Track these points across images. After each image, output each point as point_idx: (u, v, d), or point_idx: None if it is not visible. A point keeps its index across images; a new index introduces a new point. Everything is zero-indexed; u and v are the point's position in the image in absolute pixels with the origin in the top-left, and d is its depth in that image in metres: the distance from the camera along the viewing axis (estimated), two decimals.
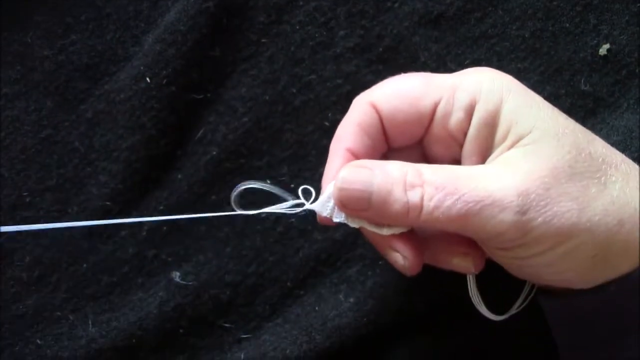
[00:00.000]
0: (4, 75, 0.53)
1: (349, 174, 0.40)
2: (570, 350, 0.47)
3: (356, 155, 0.43)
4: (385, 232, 0.42)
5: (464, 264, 0.43)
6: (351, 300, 0.50)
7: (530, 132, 0.40)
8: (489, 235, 0.39)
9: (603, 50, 0.55)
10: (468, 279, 0.46)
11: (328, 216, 0.42)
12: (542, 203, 0.38)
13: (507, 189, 0.38)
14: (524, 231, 0.38)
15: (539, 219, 0.38)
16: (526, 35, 0.55)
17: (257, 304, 0.52)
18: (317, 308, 0.51)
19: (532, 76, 0.54)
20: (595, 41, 0.55)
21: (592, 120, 0.54)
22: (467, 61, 0.54)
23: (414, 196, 0.39)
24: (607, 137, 0.53)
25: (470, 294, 0.46)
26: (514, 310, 0.48)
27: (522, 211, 0.37)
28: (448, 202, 0.38)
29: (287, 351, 0.49)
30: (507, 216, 0.38)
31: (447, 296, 0.46)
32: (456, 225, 0.39)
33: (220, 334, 0.51)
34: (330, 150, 0.44)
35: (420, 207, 0.39)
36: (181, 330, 0.51)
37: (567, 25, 0.55)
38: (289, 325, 0.50)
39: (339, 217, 0.42)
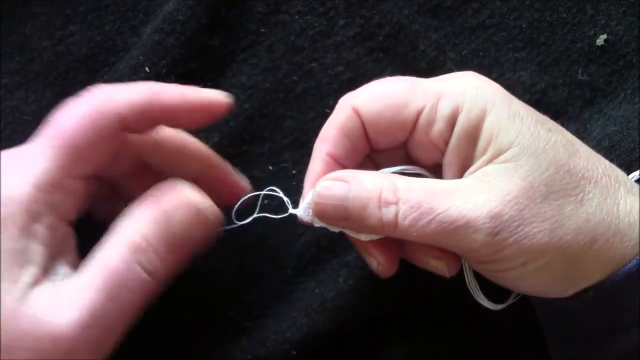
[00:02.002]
0: (3, 66, 0.53)
1: (325, 189, 0.41)
2: (558, 343, 0.47)
3: (337, 160, 0.44)
4: (364, 237, 0.43)
5: (439, 267, 0.44)
6: (350, 282, 0.50)
7: (509, 148, 0.40)
8: (463, 251, 0.40)
9: (600, 40, 0.55)
10: (464, 268, 0.46)
11: (309, 221, 0.44)
12: (514, 224, 0.38)
13: (480, 209, 0.39)
14: (496, 250, 0.39)
15: (511, 239, 0.38)
16: (523, 26, 0.55)
17: (259, 292, 0.52)
18: (316, 291, 0.51)
19: (530, 66, 0.55)
20: (592, 31, 0.55)
21: (590, 110, 0.55)
22: (465, 51, 0.54)
23: (388, 214, 0.40)
24: (604, 128, 0.53)
25: (467, 283, 0.46)
26: (511, 300, 0.48)
27: (494, 233, 0.38)
28: (422, 222, 0.39)
29: (288, 334, 0.49)
30: (479, 237, 0.38)
31: (448, 284, 0.46)
32: (431, 241, 0.40)
33: (224, 323, 0.51)
34: (313, 151, 0.45)
35: (395, 224, 0.40)
36: (185, 318, 0.51)
37: (565, 15, 0.55)
38: (288, 308, 0.50)
39: (319, 222, 0.43)
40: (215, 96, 0.44)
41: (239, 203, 0.46)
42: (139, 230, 0.39)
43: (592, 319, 0.42)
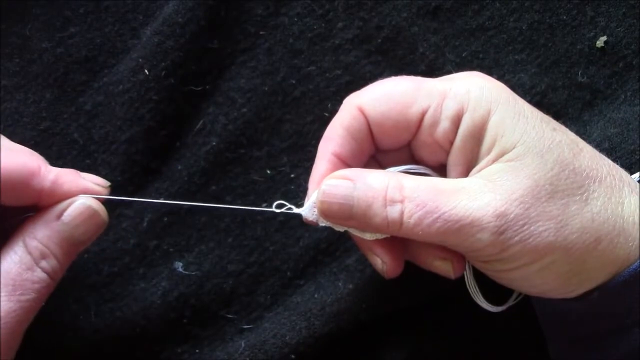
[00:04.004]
0: (3, 67, 0.53)
1: (330, 188, 0.41)
2: (558, 344, 0.47)
3: (343, 159, 0.44)
4: (369, 236, 0.43)
5: (444, 268, 0.44)
6: (350, 287, 0.50)
7: (514, 147, 0.40)
8: (467, 250, 0.40)
9: (600, 42, 0.55)
10: (465, 270, 0.46)
11: (314, 221, 0.43)
12: (520, 223, 0.38)
13: (486, 208, 0.39)
14: (501, 249, 0.39)
15: (516, 238, 0.38)
16: (523, 28, 0.55)
17: (258, 294, 0.52)
18: (316, 295, 0.51)
19: (530, 68, 0.55)
20: (592, 33, 0.55)
21: (590, 112, 0.55)
22: (465, 53, 0.54)
23: (393, 212, 0.40)
24: (604, 129, 0.53)
25: (467, 286, 0.46)
26: (511, 302, 0.48)
27: (500, 232, 0.38)
28: (428, 221, 0.39)
29: (287, 337, 0.49)
30: (485, 236, 0.38)
31: (447, 287, 0.46)
32: (436, 240, 0.40)
33: (223, 325, 0.51)
34: (318, 151, 0.45)
35: (400, 222, 0.40)
36: (185, 320, 0.51)
37: (564, 17, 0.55)
38: (288, 313, 0.51)
39: (324, 222, 0.43)
40: (93, 188, 0.44)
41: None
42: (38, 237, 0.41)
43: (594, 320, 0.42)
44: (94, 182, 0.44)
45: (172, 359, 0.51)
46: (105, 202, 0.43)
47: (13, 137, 0.51)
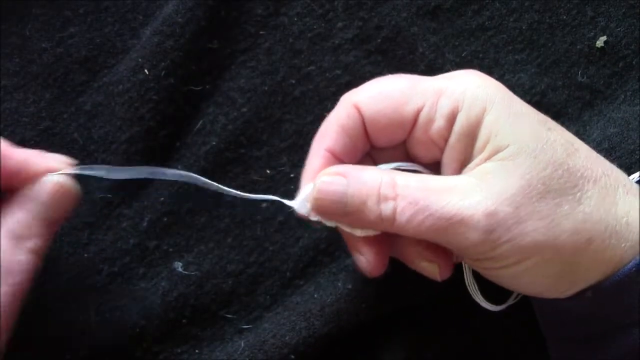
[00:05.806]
0: (2, 67, 0.53)
1: (324, 185, 0.42)
2: (558, 344, 0.47)
3: (336, 156, 0.44)
4: (359, 233, 0.43)
5: (431, 270, 0.44)
6: (349, 287, 0.50)
7: (507, 146, 0.40)
8: (458, 247, 0.40)
9: (600, 42, 0.55)
10: (464, 268, 0.46)
11: (306, 215, 0.44)
12: (509, 222, 0.38)
13: (476, 207, 0.39)
14: (490, 247, 0.39)
15: (505, 237, 0.38)
16: (523, 28, 0.55)
17: (258, 294, 0.52)
18: (315, 295, 0.51)
19: (530, 68, 0.55)
20: (592, 33, 0.55)
21: (589, 112, 0.55)
22: (465, 53, 0.54)
23: (386, 209, 0.40)
24: (604, 129, 0.53)
25: (467, 285, 0.46)
26: (511, 301, 0.48)
27: (489, 230, 0.38)
28: (419, 218, 0.39)
29: (287, 338, 0.49)
30: (474, 234, 0.38)
31: (447, 287, 0.46)
32: (427, 237, 0.40)
33: (222, 325, 0.51)
34: (312, 147, 0.45)
35: (393, 219, 0.40)
36: (184, 321, 0.51)
37: (564, 17, 0.55)
38: (287, 313, 0.51)
39: (315, 216, 0.43)
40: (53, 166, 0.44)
41: None
42: (17, 219, 0.41)
43: (591, 320, 0.42)
44: (58, 161, 0.44)
45: (172, 359, 0.51)
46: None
47: (13, 137, 0.51)
